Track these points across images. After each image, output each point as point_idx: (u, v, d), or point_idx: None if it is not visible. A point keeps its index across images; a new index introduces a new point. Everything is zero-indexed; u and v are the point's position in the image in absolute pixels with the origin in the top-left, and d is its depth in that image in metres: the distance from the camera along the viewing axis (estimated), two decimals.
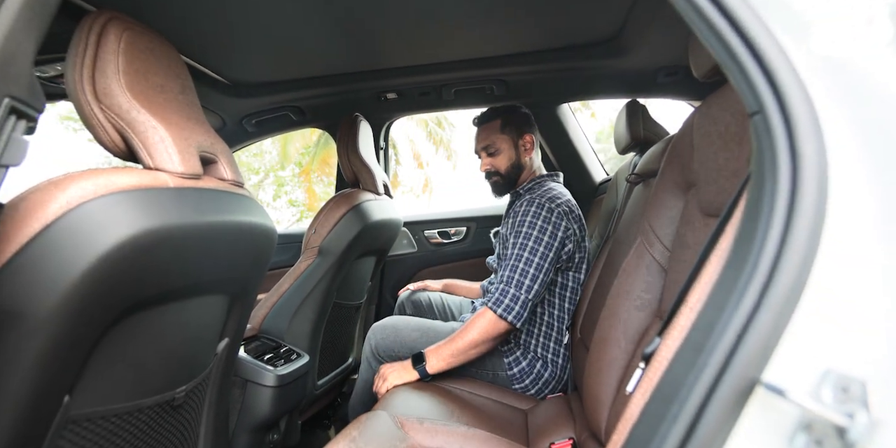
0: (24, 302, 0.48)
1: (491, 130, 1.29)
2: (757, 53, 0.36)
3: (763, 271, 0.33)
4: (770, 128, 0.35)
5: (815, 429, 0.29)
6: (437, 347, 1.10)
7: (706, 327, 0.36)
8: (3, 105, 0.44)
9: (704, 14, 0.38)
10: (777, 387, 0.31)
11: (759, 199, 0.35)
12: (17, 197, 0.51)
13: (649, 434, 0.36)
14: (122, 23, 0.64)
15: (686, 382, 0.34)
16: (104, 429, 0.61)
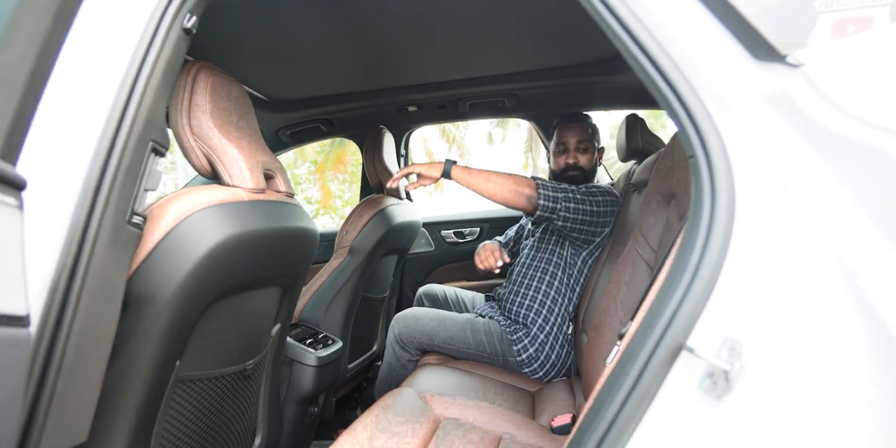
0: (156, 288, 0.65)
1: (585, 130, 1.41)
2: (691, 115, 0.50)
3: (690, 271, 0.47)
4: (698, 168, 0.49)
5: (714, 375, 0.43)
6: (467, 165, 1.21)
7: (656, 310, 0.50)
8: (149, 147, 0.60)
9: (655, 83, 0.52)
10: (694, 349, 0.45)
11: (693, 218, 0.50)
12: (146, 210, 0.68)
13: (611, 387, 0.50)
14: (208, 70, 0.80)
15: (638, 349, 0.49)
16: (199, 389, 0.79)
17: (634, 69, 0.55)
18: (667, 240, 0.92)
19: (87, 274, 0.53)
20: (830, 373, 0.40)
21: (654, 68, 0.52)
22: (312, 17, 1.13)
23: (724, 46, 0.51)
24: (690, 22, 0.52)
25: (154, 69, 0.59)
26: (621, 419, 0.47)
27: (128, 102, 0.57)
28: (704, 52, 0.51)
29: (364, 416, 0.95)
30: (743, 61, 0.49)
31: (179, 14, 0.61)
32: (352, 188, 10.86)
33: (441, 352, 1.41)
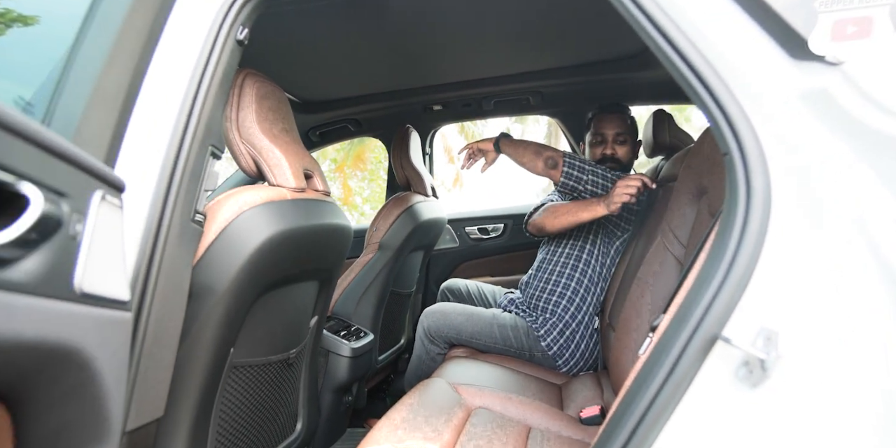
0: (214, 280, 0.71)
1: (624, 121, 1.41)
2: (725, 113, 0.51)
3: (725, 265, 0.49)
4: (733, 165, 0.50)
5: (749, 363, 0.45)
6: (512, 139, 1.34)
7: (689, 303, 0.52)
8: (208, 151, 0.66)
9: (687, 80, 0.54)
10: (730, 339, 0.47)
11: (728, 213, 0.51)
12: (205, 208, 0.74)
13: (645, 376, 0.53)
14: (253, 77, 0.85)
15: (672, 340, 0.51)
16: (250, 375, 0.85)
17: (667, 67, 0.57)
18: (697, 235, 0.93)
19: (160, 267, 0.58)
20: (867, 362, 0.42)
21: (687, 66, 0.54)
22: (342, 21, 1.18)
23: (758, 45, 0.52)
24: (723, 20, 0.53)
25: (213, 79, 0.64)
26: (657, 406, 0.49)
27: (191, 111, 0.62)
28: (738, 51, 0.52)
29: (399, 404, 0.99)
30: (778, 59, 0.51)
31: (233, 27, 0.66)
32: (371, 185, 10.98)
33: (469, 345, 1.44)
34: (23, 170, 0.28)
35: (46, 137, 0.31)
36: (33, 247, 0.28)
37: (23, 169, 0.28)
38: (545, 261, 1.46)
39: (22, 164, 0.28)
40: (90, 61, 0.50)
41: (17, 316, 0.27)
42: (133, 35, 0.54)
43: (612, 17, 0.58)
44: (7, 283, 0.26)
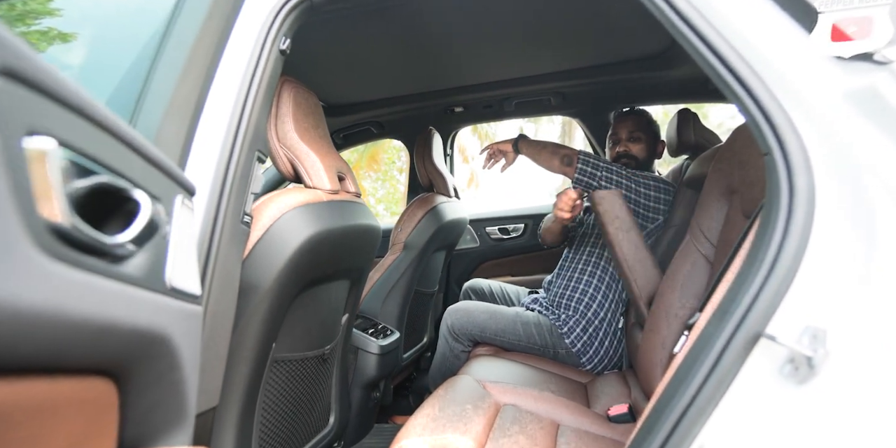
0: (258, 278, 0.74)
1: (640, 122, 1.46)
2: (765, 113, 0.52)
3: (767, 265, 0.50)
4: (774, 165, 0.51)
5: (795, 360, 0.46)
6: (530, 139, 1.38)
7: (729, 301, 0.53)
8: (255, 156, 0.69)
9: (725, 81, 0.54)
10: (775, 336, 0.48)
11: (769, 213, 0.52)
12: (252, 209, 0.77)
13: (685, 372, 0.54)
14: (290, 84, 0.88)
15: (713, 338, 0.52)
16: (289, 370, 0.88)
17: (701, 66, 0.57)
18: (727, 234, 0.93)
19: (215, 265, 0.62)
20: None
21: (723, 65, 0.54)
22: (366, 26, 1.21)
23: (797, 42, 0.52)
24: (760, 17, 0.53)
25: (259, 88, 0.67)
26: (699, 402, 0.50)
27: (241, 118, 0.65)
28: (777, 49, 0.52)
29: (429, 400, 1.01)
30: (820, 58, 0.51)
31: (277, 38, 0.69)
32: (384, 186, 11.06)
33: (492, 343, 1.46)
34: (134, 178, 0.31)
35: (148, 149, 0.34)
36: (141, 245, 0.31)
37: (134, 177, 0.31)
38: (568, 259, 1.47)
39: (134, 172, 0.31)
40: (167, 76, 0.54)
41: (133, 305, 0.30)
42: (203, 50, 0.57)
43: (635, 17, 0.59)
44: (125, 276, 0.29)
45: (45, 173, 0.23)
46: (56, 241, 0.24)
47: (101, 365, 0.30)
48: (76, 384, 0.27)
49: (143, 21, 0.60)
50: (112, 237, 0.28)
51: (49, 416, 0.25)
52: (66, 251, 0.24)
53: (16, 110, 0.22)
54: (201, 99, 0.57)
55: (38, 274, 0.22)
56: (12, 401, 0.23)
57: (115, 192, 0.30)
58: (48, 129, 0.24)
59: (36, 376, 0.24)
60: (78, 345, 0.26)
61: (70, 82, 0.26)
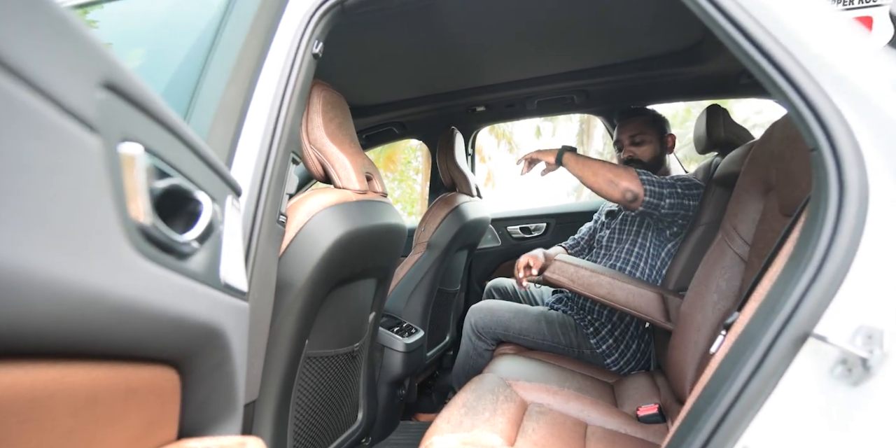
0: (293, 276, 0.76)
1: (641, 123, 1.43)
2: (812, 107, 0.51)
3: (815, 263, 0.48)
4: (823, 161, 0.50)
5: (848, 361, 0.45)
6: (577, 154, 1.27)
7: (774, 300, 0.52)
8: (290, 157, 0.70)
9: (768, 75, 0.53)
10: (825, 337, 0.47)
11: (817, 210, 0.51)
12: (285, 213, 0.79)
13: (726, 373, 0.53)
14: (319, 86, 0.90)
15: (756, 338, 0.51)
16: (321, 366, 0.90)
17: (740, 59, 0.56)
18: (763, 233, 0.91)
19: (254, 263, 0.63)
20: None
21: (765, 57, 0.53)
22: (390, 28, 1.22)
23: (847, 34, 0.51)
24: (803, 6, 0.51)
25: (293, 91, 0.69)
26: (742, 403, 0.49)
27: (276, 121, 0.67)
28: (822, 39, 0.51)
29: (456, 398, 1.02)
30: (868, 47, 0.49)
31: (310, 42, 0.71)
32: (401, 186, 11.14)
33: (516, 342, 1.46)
34: (198, 180, 0.33)
35: (208, 153, 0.35)
36: (202, 243, 0.33)
37: (198, 180, 0.33)
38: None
39: (198, 175, 0.33)
40: (216, 81, 0.56)
41: (197, 300, 0.31)
42: (248, 56, 0.59)
43: (663, 12, 0.57)
44: (191, 272, 0.31)
45: (134, 176, 0.25)
46: (142, 239, 0.25)
47: (170, 355, 0.31)
48: (151, 371, 0.29)
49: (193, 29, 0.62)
50: (181, 236, 0.30)
51: (131, 398, 0.27)
52: (148, 248, 0.26)
53: (114, 119, 0.24)
54: (246, 103, 0.59)
55: (131, 270, 0.24)
56: (105, 383, 0.25)
57: (182, 193, 0.31)
58: (137, 136, 0.26)
59: (124, 362, 0.26)
60: (156, 335, 0.28)
61: (154, 94, 0.28)
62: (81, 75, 0.23)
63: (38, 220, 0.19)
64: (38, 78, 0.20)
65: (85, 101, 0.22)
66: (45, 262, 0.20)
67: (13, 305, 0.19)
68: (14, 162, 0.19)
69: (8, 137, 0.19)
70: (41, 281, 0.20)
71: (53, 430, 0.22)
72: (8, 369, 0.20)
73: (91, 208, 0.22)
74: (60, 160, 0.21)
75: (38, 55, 0.20)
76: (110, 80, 0.24)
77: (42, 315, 0.20)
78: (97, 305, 0.22)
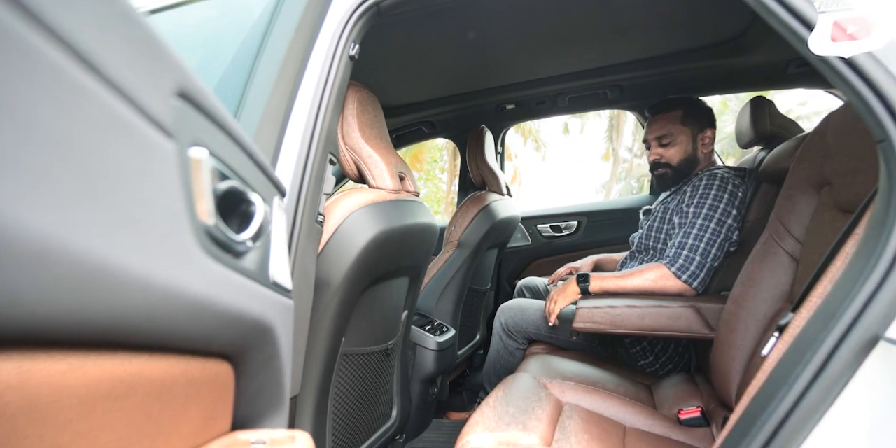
0: (330, 274, 0.77)
1: (670, 120, 1.29)
2: (881, 95, 0.47)
3: (887, 260, 0.45)
4: (892, 153, 0.46)
5: None
6: (603, 276, 1.18)
7: (837, 301, 0.49)
8: (328, 158, 0.72)
9: (828, 61, 0.50)
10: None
11: (886, 206, 0.47)
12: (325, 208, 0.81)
13: (784, 377, 0.50)
14: (354, 88, 0.91)
15: (817, 340, 0.48)
16: (357, 363, 0.91)
17: (798, 48, 0.53)
18: (817, 230, 0.86)
19: (294, 262, 0.65)
20: None
21: None
22: (421, 28, 1.22)
23: None
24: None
25: (331, 93, 0.70)
26: (802, 409, 0.47)
27: (315, 123, 0.68)
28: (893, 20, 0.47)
29: (489, 398, 1.01)
30: None
31: (347, 44, 0.72)
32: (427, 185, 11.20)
33: (547, 342, 1.44)
34: (252, 182, 0.34)
35: (259, 156, 0.37)
36: (255, 243, 0.34)
37: (252, 181, 0.34)
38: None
39: (251, 177, 0.34)
40: (263, 85, 0.58)
41: (252, 297, 0.33)
42: (292, 61, 0.61)
43: (705, 2, 0.55)
44: (246, 270, 0.32)
45: (201, 179, 0.26)
46: (207, 239, 0.27)
47: (228, 349, 0.33)
48: (212, 365, 0.30)
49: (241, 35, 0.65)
50: (238, 235, 0.31)
51: (193, 392, 0.28)
52: (212, 248, 0.27)
53: (186, 125, 0.25)
54: (289, 106, 0.61)
55: (200, 268, 0.25)
56: (174, 375, 0.26)
57: (238, 194, 0.33)
58: (204, 140, 0.27)
59: (190, 356, 0.28)
60: (220, 330, 0.29)
61: (218, 101, 0.29)
62: (162, 84, 0.24)
63: (127, 220, 0.21)
64: (127, 87, 0.21)
65: (164, 109, 0.24)
66: (135, 261, 0.21)
67: (111, 303, 0.20)
68: (109, 167, 0.20)
69: (103, 143, 0.20)
70: (132, 279, 0.21)
71: (129, 425, 0.23)
72: (98, 361, 0.21)
73: (168, 210, 0.23)
74: (145, 164, 0.22)
75: (128, 66, 0.22)
76: (183, 88, 0.26)
77: (133, 310, 0.21)
78: (175, 302, 0.23)
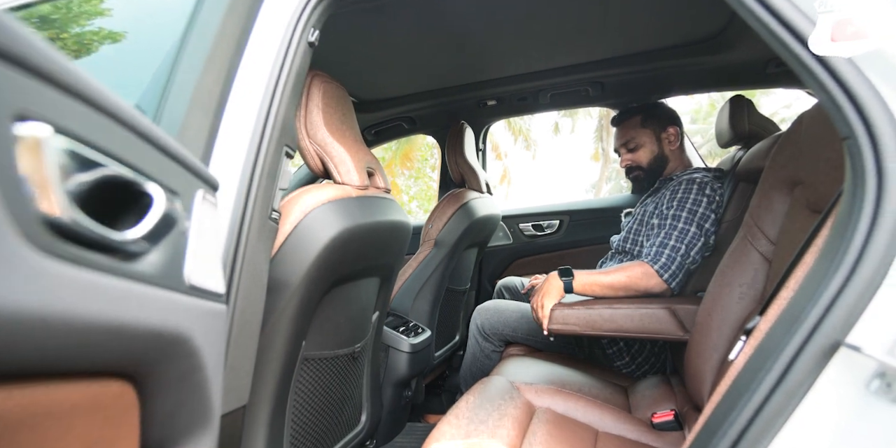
0: (288, 274, 0.73)
1: (630, 126, 1.35)
2: (848, 90, 0.45)
3: (849, 263, 0.43)
4: (859, 150, 0.44)
5: (887, 375, 0.39)
6: (587, 272, 1.14)
7: (801, 304, 0.47)
8: (283, 151, 0.68)
9: (796, 54, 0.48)
10: (859, 347, 0.41)
11: (851, 205, 0.45)
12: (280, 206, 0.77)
13: (747, 383, 0.48)
14: (320, 78, 0.87)
15: (780, 345, 0.46)
16: (318, 368, 0.88)
17: (768, 41, 0.51)
18: (789, 231, 0.84)
19: (243, 262, 0.61)
20: None
21: (794, 37, 0.47)
22: (398, 20, 1.18)
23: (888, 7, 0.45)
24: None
25: (287, 81, 0.66)
26: (764, 416, 0.44)
27: (268, 112, 0.64)
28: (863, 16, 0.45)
29: (461, 401, 0.98)
30: None
31: (305, 30, 0.68)
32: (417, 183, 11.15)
33: (524, 344, 1.41)
34: (148, 171, 0.30)
35: (164, 140, 0.33)
36: (156, 242, 0.30)
37: (148, 170, 0.30)
38: (608, 259, 1.40)
39: (147, 165, 0.30)
40: (190, 68, 0.53)
41: (147, 305, 0.29)
42: (225, 42, 0.57)
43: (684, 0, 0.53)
44: (138, 274, 0.28)
45: (41, 163, 0.22)
46: (53, 237, 0.22)
47: (115, 367, 0.29)
48: (89, 387, 0.26)
49: (172, 15, 0.60)
50: (121, 233, 0.27)
51: (60, 419, 0.24)
52: (65, 247, 0.23)
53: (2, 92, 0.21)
54: (225, 90, 0.57)
55: (30, 272, 0.21)
56: (19, 406, 0.22)
57: (127, 185, 0.29)
58: (42, 114, 0.23)
59: (42, 380, 0.23)
60: (86, 347, 0.25)
61: (68, 64, 0.24)
62: None
63: None
64: None
65: None
66: None
67: None
68: None
69: None
70: None
71: None
72: None
73: None
74: None
75: None
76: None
77: None
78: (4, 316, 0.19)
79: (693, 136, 2.33)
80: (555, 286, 1.15)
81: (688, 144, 1.44)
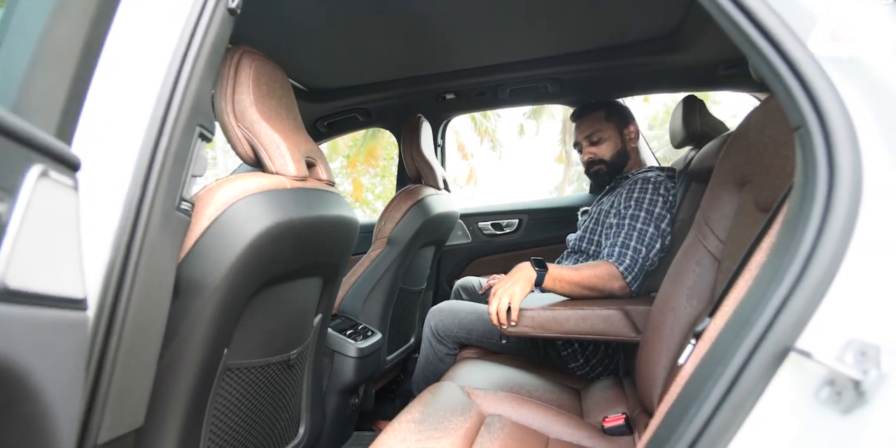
0: (204, 274, 0.64)
1: (595, 120, 1.34)
2: (799, 75, 0.42)
3: (799, 263, 0.40)
4: (810, 140, 0.42)
5: (837, 383, 0.37)
6: (559, 267, 1.09)
7: (750, 307, 0.44)
8: (196, 132, 0.59)
9: (751, 39, 0.45)
10: (809, 352, 0.38)
11: (801, 201, 0.43)
12: (193, 197, 0.67)
13: (696, 390, 0.44)
14: (251, 55, 0.78)
15: (730, 351, 0.42)
16: (246, 378, 0.78)
17: (719, 21, 0.48)
18: (738, 230, 0.84)
19: (139, 259, 0.52)
20: None
21: (746, 17, 0.44)
22: (351, 3, 1.10)
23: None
24: None
25: (200, 51, 0.57)
26: (714, 427, 0.41)
27: (175, 85, 0.55)
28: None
29: (406, 410, 0.92)
30: (872, 6, 0.41)
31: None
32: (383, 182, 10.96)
33: (479, 346, 1.37)
34: None
35: None
36: None
37: None
38: (564, 259, 1.38)
39: None
40: (31, 12, 0.43)
41: None
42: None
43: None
44: None
45: None
46: None
47: None
48: None
49: None
50: None
51: None
52: None
53: None
54: (90, 48, 0.47)
55: None
56: None
57: None
58: None
59: None
60: None
61: None
62: None
63: None
64: None
65: None
66: None
67: None
68: None
69: None
70: None
71: None
72: None
73: None
74: None
75: None
76: None
77: None
78: None
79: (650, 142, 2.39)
80: (526, 276, 1.07)
81: (644, 146, 1.44)
